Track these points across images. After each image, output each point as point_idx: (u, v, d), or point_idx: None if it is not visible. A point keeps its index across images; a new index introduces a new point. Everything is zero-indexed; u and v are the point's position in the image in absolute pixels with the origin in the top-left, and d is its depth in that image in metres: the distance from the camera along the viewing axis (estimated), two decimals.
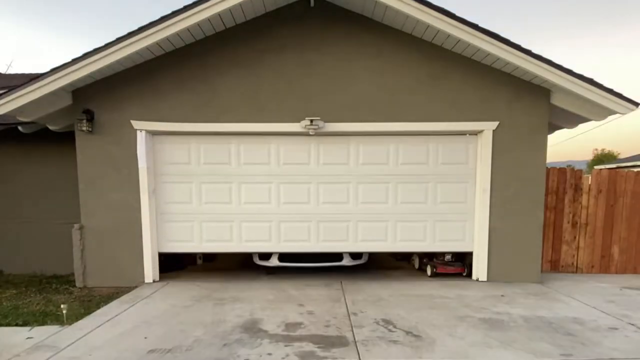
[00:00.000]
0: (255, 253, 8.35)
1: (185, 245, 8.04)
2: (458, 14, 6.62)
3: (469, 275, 8.02)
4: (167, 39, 6.83)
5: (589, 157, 59.57)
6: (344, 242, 8.09)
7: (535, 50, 6.81)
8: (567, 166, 8.98)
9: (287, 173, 7.91)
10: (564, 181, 8.58)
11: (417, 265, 8.98)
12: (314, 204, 7.96)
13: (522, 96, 7.50)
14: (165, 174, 7.79)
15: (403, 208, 7.99)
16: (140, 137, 7.47)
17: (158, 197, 7.79)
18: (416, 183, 7.94)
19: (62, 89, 6.97)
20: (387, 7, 6.74)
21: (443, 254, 8.22)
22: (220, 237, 7.98)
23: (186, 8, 6.51)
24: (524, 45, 6.80)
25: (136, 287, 7.44)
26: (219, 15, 6.75)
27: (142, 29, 6.61)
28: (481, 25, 6.69)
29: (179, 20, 6.56)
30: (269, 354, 4.59)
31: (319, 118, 7.39)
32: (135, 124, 7.45)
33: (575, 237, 8.69)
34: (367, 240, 8.08)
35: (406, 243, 8.09)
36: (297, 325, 5.49)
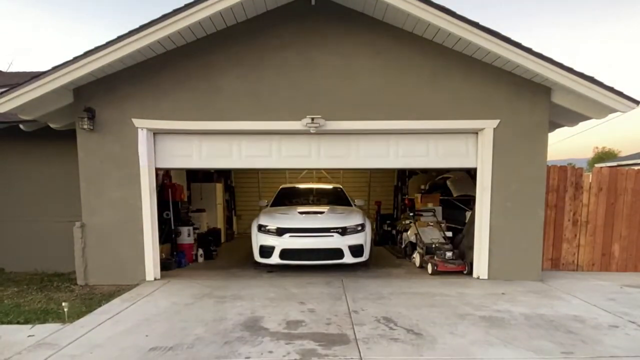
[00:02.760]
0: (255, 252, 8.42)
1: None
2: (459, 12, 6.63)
3: (470, 273, 8.03)
4: (169, 37, 6.83)
5: (590, 155, 59.41)
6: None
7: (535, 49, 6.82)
8: (568, 164, 8.96)
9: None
10: (564, 179, 8.58)
11: (417, 263, 8.99)
12: None
13: (523, 94, 7.50)
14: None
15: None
16: (142, 135, 7.48)
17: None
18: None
19: (64, 87, 6.97)
20: (387, 5, 6.74)
21: (444, 252, 8.23)
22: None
23: (188, 6, 6.51)
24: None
25: (137, 285, 7.45)
26: (221, 13, 6.75)
27: (143, 27, 6.61)
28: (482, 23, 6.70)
29: (181, 19, 6.56)
30: (270, 352, 4.60)
31: (320, 116, 7.40)
32: (137, 122, 7.46)
33: (575, 235, 8.70)
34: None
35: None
36: (298, 323, 5.50)
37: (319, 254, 8.23)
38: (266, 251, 8.33)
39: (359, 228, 8.53)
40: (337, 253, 8.24)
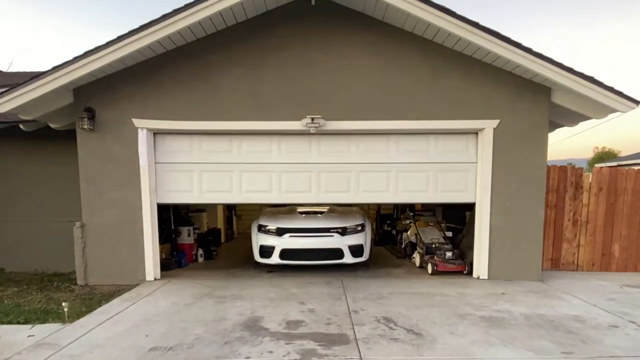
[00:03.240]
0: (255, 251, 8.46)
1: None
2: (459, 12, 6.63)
3: (470, 273, 8.03)
4: (169, 37, 6.83)
5: (590, 155, 59.49)
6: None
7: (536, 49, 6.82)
8: (568, 164, 8.95)
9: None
10: (564, 179, 8.57)
11: (417, 264, 8.99)
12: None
13: (523, 94, 7.50)
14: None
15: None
16: (142, 135, 7.48)
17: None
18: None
19: (64, 87, 6.97)
20: (388, 5, 6.74)
21: (444, 252, 8.23)
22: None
23: (187, 6, 6.51)
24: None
25: (137, 285, 7.45)
26: (221, 13, 6.75)
27: (143, 27, 6.61)
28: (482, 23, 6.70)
29: (181, 19, 6.56)
30: (270, 352, 4.60)
31: (320, 116, 7.40)
32: (137, 122, 7.46)
33: (575, 235, 8.69)
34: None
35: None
36: (298, 323, 5.50)
37: (319, 254, 8.24)
38: (266, 251, 8.33)
39: (359, 228, 8.53)
40: (337, 253, 8.25)
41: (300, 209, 9.30)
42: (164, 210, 8.63)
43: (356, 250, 8.36)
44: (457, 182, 7.94)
